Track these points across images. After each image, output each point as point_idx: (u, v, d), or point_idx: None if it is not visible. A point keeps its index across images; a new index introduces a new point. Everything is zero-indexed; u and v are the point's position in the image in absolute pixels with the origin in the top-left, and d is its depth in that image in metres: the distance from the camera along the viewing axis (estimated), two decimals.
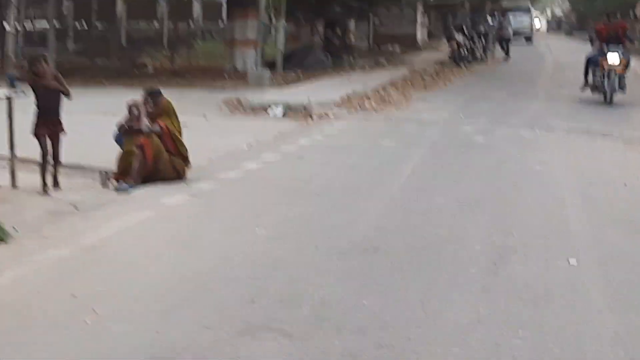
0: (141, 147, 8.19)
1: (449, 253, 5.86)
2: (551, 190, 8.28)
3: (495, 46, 31.36)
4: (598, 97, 16.30)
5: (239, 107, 14.61)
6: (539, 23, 76.39)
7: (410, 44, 34.88)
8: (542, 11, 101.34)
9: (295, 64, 23.36)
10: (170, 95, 17.52)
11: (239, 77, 19.91)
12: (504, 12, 31.93)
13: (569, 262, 5.74)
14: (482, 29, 29.91)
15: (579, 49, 43.04)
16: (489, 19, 32.94)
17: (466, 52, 26.46)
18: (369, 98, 15.94)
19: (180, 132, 8.59)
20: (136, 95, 9.37)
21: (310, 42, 24.83)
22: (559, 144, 11.57)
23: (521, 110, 15.30)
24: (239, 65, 21.08)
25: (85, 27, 30.60)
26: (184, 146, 8.53)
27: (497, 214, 7.14)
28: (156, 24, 36.78)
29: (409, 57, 29.61)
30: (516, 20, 46.61)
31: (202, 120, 13.32)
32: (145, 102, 8.59)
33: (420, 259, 5.72)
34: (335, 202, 7.47)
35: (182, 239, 6.23)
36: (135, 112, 8.48)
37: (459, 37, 26.15)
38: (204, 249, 5.90)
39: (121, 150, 8.44)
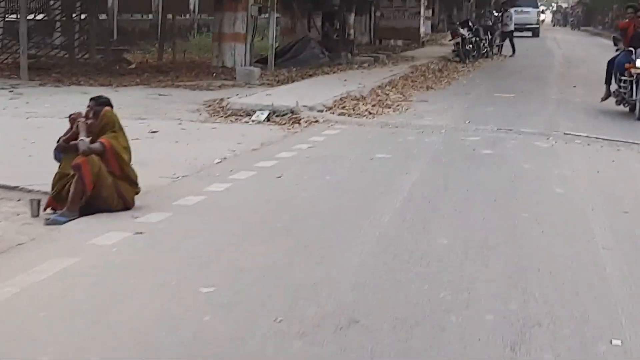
0: (78, 169, 6.72)
1: (452, 329, 4.38)
2: (578, 224, 6.80)
3: (501, 41, 29.82)
4: (623, 108, 14.00)
5: (219, 111, 13.12)
6: (544, 16, 74.73)
7: (413, 38, 33.32)
8: (548, 4, 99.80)
9: (289, 59, 21.92)
10: (149, 94, 16.35)
11: (228, 74, 18.48)
12: (505, 5, 30.17)
13: (611, 343, 4.26)
14: (488, 22, 28.34)
15: (588, 43, 41.59)
16: (495, 12, 31.36)
17: (471, 47, 24.91)
18: (364, 100, 14.46)
19: (128, 150, 7.10)
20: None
21: (305, 36, 23.28)
22: (580, 157, 10.09)
23: (533, 114, 13.81)
24: (228, 61, 19.60)
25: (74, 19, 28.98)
26: (132, 168, 7.05)
27: (513, 263, 5.65)
28: (151, 16, 35.40)
29: (411, 52, 28.07)
30: (522, 14, 45.09)
31: (175, 125, 11.89)
32: (88, 113, 7.10)
33: (412, 339, 4.23)
34: (308, 243, 5.99)
35: (99, 303, 4.74)
36: (77, 125, 7.02)
37: (464, 32, 24.62)
38: (121, 324, 4.41)
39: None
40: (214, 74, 19.02)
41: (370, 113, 13.29)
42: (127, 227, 6.35)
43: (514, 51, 28.47)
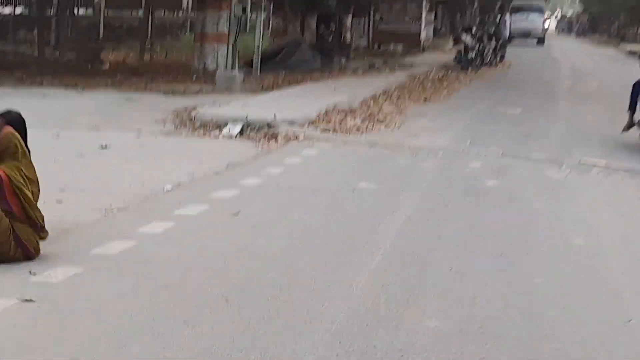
0: None
1: None
2: (608, 295, 5.24)
3: (505, 49, 28.27)
4: None
5: (187, 122, 11.56)
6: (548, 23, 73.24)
7: (413, 43, 31.83)
8: (552, 11, 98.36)
9: (278, 63, 20.38)
10: (116, 99, 14.67)
11: (209, 79, 16.91)
12: (502, 11, 28.59)
13: None
14: (492, 29, 26.80)
15: (595, 54, 40.01)
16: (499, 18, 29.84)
17: (474, 55, 23.35)
18: (353, 113, 12.89)
19: (34, 183, 5.52)
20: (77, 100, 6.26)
21: (297, 38, 21.70)
22: (599, 193, 8.55)
23: (541, 135, 12.25)
24: (210, 64, 18.01)
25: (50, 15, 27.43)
26: (37, 208, 5.48)
27: None
28: (141, 12, 33.92)
29: (411, 58, 26.54)
30: (527, 21, 43.56)
31: (132, 138, 10.35)
32: None
33: None
34: (248, 325, 4.40)
35: None
36: None
37: (467, 39, 23.07)
38: None
39: None
40: (195, 77, 17.47)
41: (358, 129, 11.73)
42: (16, 288, 4.79)
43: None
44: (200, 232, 6.30)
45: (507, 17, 34.81)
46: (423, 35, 32.49)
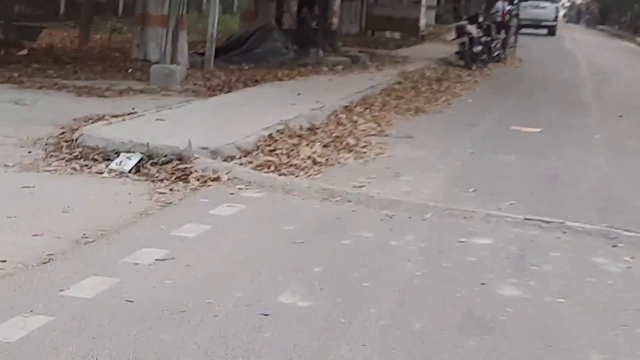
0: None
1: None
2: None
3: (516, 42, 24.57)
4: None
5: (63, 147, 7.97)
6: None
7: (411, 30, 28.13)
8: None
9: (242, 53, 16.76)
10: (1, 101, 11.19)
11: (147, 72, 13.28)
12: None
13: None
14: (499, 18, 23.03)
15: (611, 47, 36.23)
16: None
17: (480, 49, 19.67)
18: (314, 135, 9.27)
19: None
20: None
21: (267, 24, 18.01)
22: None
23: (575, 174, 8.68)
24: (152, 53, 14.39)
25: None
26: None
27: None
28: None
29: (406, 50, 22.85)
30: (538, 8, 39.84)
31: None
32: None
33: None
34: None
35: None
36: None
37: (472, 29, 19.37)
38: None
39: None
40: (130, 70, 13.85)
41: (314, 163, 8.15)
42: None
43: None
44: None
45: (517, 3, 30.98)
46: (422, 22, 28.77)
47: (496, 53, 21.30)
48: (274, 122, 9.17)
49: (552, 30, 40.99)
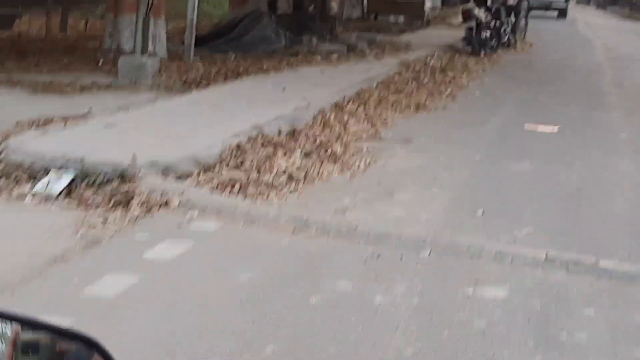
0: None
1: None
2: None
3: (527, 25, 23.03)
4: None
5: None
6: None
7: (415, 14, 26.58)
8: None
9: (231, 41, 15.33)
10: None
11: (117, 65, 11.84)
12: None
13: None
14: (511, 1, 21.43)
15: (625, 30, 34.40)
16: None
17: (489, 34, 18.16)
18: (294, 141, 7.83)
19: None
20: None
21: (258, 9, 16.54)
22: None
23: (602, 187, 7.32)
24: (125, 43, 12.97)
25: None
26: None
27: None
28: None
29: (409, 36, 21.33)
30: None
31: None
32: None
33: None
34: None
35: None
36: None
37: (480, 13, 17.85)
38: None
39: None
40: (99, 62, 12.44)
41: (290, 179, 6.72)
42: None
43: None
44: None
45: None
46: (428, 5, 27.22)
47: (506, 38, 19.77)
48: (247, 127, 7.74)
49: (563, 12, 39.29)
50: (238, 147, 7.11)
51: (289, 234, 5.52)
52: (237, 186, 6.38)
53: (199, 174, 6.50)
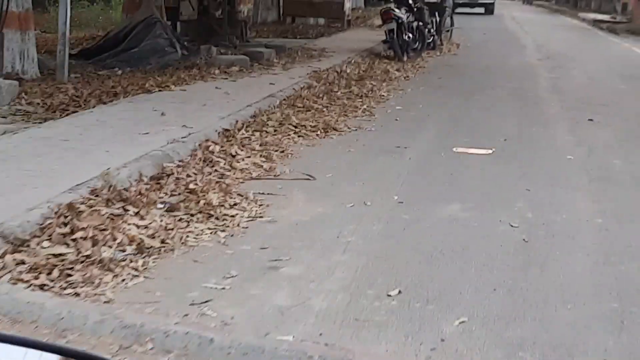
0: None
1: None
2: None
3: (453, 24, 21.49)
4: None
5: None
6: None
7: (335, 15, 24.88)
8: None
9: (120, 53, 13.38)
10: None
11: None
12: None
13: None
14: None
15: (555, 25, 33.08)
16: None
17: (411, 36, 16.51)
18: (157, 190, 5.96)
19: None
20: None
21: (151, 15, 14.56)
22: None
23: (554, 241, 5.62)
24: (18, 63, 11.05)
25: None
26: None
27: None
28: None
29: (327, 40, 19.60)
30: None
31: None
32: None
33: None
34: None
35: None
36: None
37: (401, 14, 16.19)
38: None
39: None
40: None
41: (140, 251, 4.90)
42: None
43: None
44: None
45: None
46: (348, 6, 25.51)
47: (430, 39, 18.16)
48: (95, 174, 5.85)
49: (490, 9, 38.09)
50: (71, 208, 5.21)
51: (116, 349, 3.68)
52: (55, 272, 4.50)
53: (4, 254, 4.59)
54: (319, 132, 8.78)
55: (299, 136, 8.53)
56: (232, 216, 5.79)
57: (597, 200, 6.72)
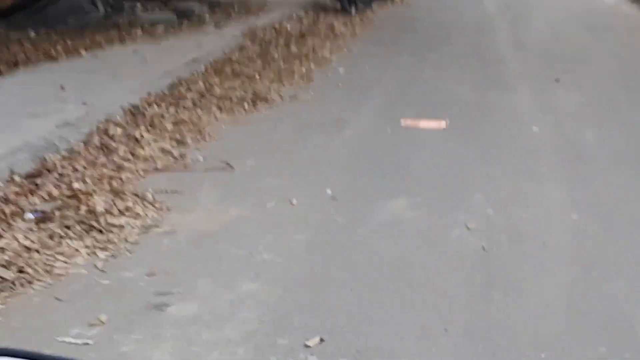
0: None
1: None
2: None
3: None
4: None
5: None
6: None
7: None
8: None
9: (36, 13, 12.04)
10: None
11: None
12: None
13: None
14: None
15: None
16: None
17: None
18: (28, 196, 4.72)
19: None
20: None
21: None
22: None
23: (521, 245, 4.46)
24: None
25: None
26: None
27: None
28: None
29: None
30: None
31: None
32: None
33: None
34: None
35: None
36: None
37: None
38: None
39: None
40: None
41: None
42: None
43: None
44: None
45: None
46: None
47: None
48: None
49: None
50: None
51: None
52: None
53: None
54: (246, 105, 7.55)
55: (221, 111, 7.29)
56: (120, 227, 4.58)
57: (569, 187, 5.62)
